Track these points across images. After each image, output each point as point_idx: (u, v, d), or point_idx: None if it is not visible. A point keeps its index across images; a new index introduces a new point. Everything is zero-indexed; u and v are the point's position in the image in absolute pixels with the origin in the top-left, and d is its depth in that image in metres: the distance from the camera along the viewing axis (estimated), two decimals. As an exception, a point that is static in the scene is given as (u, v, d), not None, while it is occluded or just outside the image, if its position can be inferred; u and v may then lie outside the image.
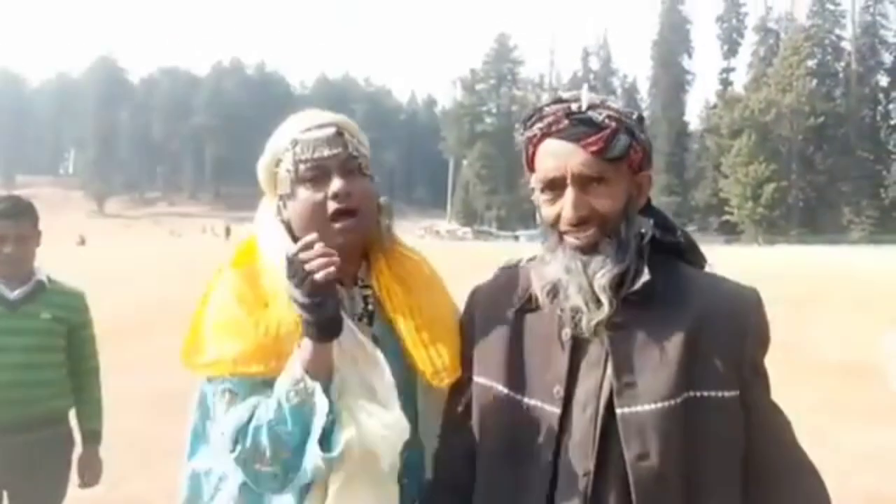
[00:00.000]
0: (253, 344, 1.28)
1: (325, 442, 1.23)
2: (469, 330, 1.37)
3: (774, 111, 67.00)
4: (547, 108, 1.24)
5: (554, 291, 1.22)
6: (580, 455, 1.17)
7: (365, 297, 1.42)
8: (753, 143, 65.70)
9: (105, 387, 2.93)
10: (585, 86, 1.30)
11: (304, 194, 1.35)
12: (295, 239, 1.32)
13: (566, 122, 1.20)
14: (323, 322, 1.21)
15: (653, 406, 1.14)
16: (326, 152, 1.34)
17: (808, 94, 68.49)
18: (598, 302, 1.17)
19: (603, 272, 1.17)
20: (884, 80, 77.22)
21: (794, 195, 68.47)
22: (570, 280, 1.19)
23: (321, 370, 1.24)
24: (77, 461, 2.80)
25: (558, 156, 1.20)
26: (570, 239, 1.21)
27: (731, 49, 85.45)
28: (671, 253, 1.27)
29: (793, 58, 69.65)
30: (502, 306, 1.31)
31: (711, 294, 1.22)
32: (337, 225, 1.33)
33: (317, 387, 1.22)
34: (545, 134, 1.22)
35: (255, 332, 1.28)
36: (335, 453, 1.22)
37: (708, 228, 70.62)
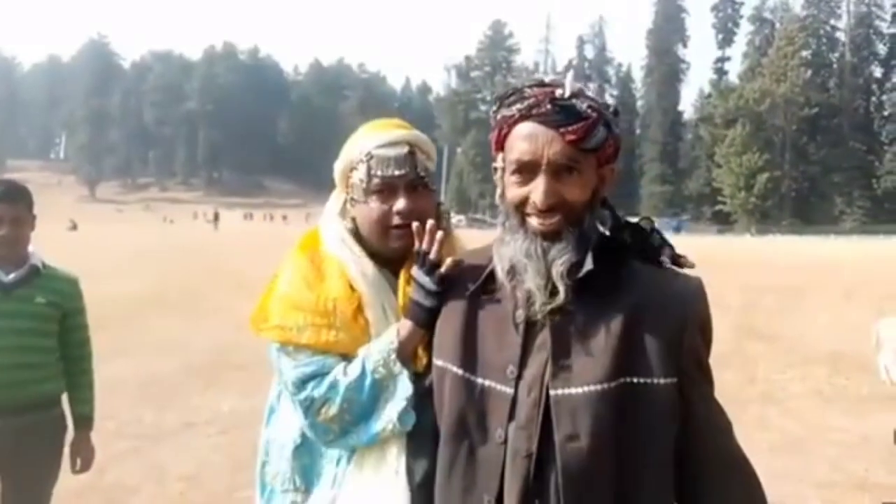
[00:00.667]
0: (311, 315, 1.46)
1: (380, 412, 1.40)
2: None
3: (768, 101, 67.09)
4: (528, 90, 1.22)
5: (512, 272, 1.23)
6: (524, 436, 1.18)
7: None
8: (747, 133, 65.81)
9: (96, 372, 2.92)
10: (571, 72, 1.31)
11: (374, 204, 1.52)
12: (358, 233, 1.55)
13: (549, 106, 1.19)
14: (433, 309, 1.37)
15: (585, 389, 1.15)
16: (397, 172, 1.50)
17: (802, 85, 68.57)
18: (553, 288, 1.18)
19: (562, 260, 1.18)
20: (878, 71, 77.41)
21: (786, 185, 68.71)
22: (528, 264, 1.20)
23: (408, 353, 1.41)
24: (69, 447, 2.80)
25: (536, 140, 1.18)
26: (533, 223, 1.21)
27: (726, 38, 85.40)
28: (621, 247, 1.27)
29: (787, 48, 69.67)
30: (461, 289, 1.33)
31: (653, 285, 1.22)
32: (396, 232, 1.52)
33: (404, 371, 1.40)
34: (524, 116, 1.20)
35: (314, 304, 1.47)
36: (409, 425, 1.38)
37: (701, 218, 70.85)
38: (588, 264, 1.19)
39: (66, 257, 5.67)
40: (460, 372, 1.26)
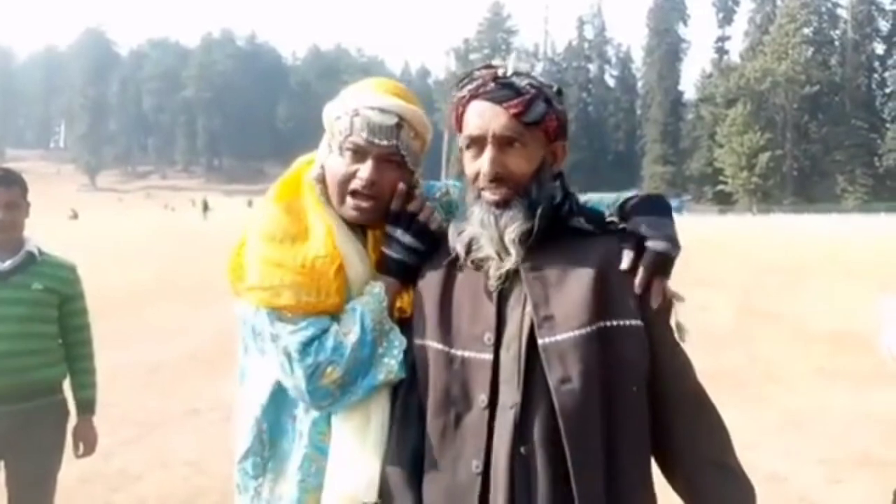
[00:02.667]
0: (291, 273, 1.38)
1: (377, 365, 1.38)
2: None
3: (770, 80, 66.72)
4: (477, 73, 1.35)
5: (470, 244, 1.33)
6: (509, 391, 1.26)
7: None
8: (748, 113, 65.53)
9: (99, 360, 2.93)
10: (514, 53, 1.44)
11: (342, 161, 1.45)
12: (323, 181, 1.48)
13: (492, 84, 1.31)
14: (415, 266, 1.41)
15: (571, 334, 1.24)
16: (374, 140, 1.42)
17: (803, 63, 68.19)
18: (508, 252, 1.29)
19: (513, 227, 1.29)
20: (880, 48, 76.84)
21: (788, 164, 68.51)
22: (482, 232, 1.31)
23: (392, 305, 1.41)
24: (72, 431, 2.81)
25: (482, 115, 1.30)
26: (486, 194, 1.31)
27: (727, 17, 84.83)
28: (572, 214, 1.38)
29: (789, 25, 69.19)
30: (433, 264, 1.41)
31: (615, 241, 1.33)
32: (352, 201, 1.44)
33: (395, 328, 1.39)
34: (473, 95, 1.32)
35: (292, 264, 1.39)
36: (405, 375, 1.37)
37: (702, 198, 70.76)
38: (526, 224, 1.29)
39: (68, 246, 5.69)
40: (440, 346, 1.33)
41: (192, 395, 6.25)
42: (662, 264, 1.30)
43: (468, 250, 1.33)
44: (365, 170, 1.42)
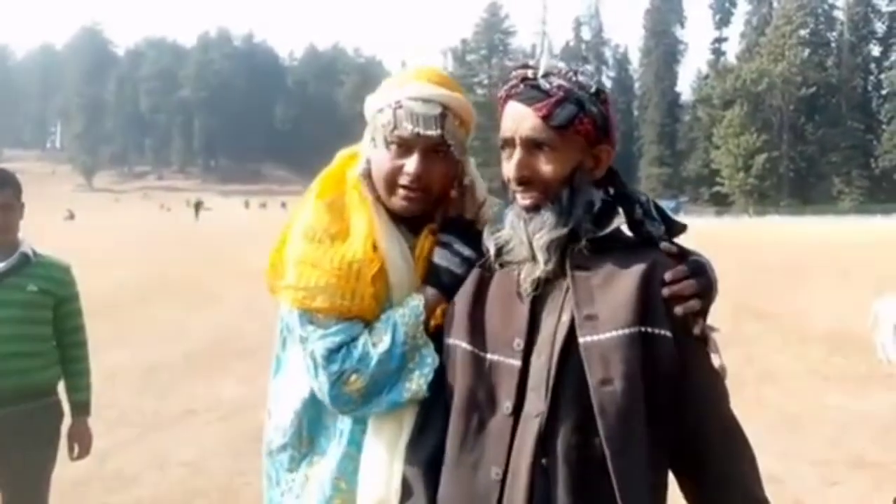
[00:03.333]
0: (328, 276, 1.36)
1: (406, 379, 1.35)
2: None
3: (766, 81, 66.85)
4: (513, 72, 1.32)
5: (502, 246, 1.31)
6: (535, 399, 1.22)
7: None
8: (745, 114, 65.66)
9: (96, 361, 2.92)
10: (546, 54, 1.34)
11: (387, 154, 1.41)
12: (370, 176, 1.45)
13: (522, 86, 1.28)
14: (463, 277, 1.37)
15: (613, 333, 1.20)
16: (420, 131, 1.38)
17: (800, 64, 68.34)
18: (538, 258, 1.26)
19: (542, 233, 1.26)
20: (876, 50, 77.05)
21: (784, 166, 68.64)
22: (513, 235, 1.29)
23: (429, 320, 1.37)
24: (67, 433, 2.79)
25: (513, 117, 1.28)
26: (517, 198, 1.30)
27: (724, 18, 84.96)
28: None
29: (785, 27, 69.36)
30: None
31: (661, 253, 1.30)
32: (401, 193, 1.41)
33: (429, 344, 1.35)
34: (508, 96, 1.30)
35: (329, 265, 1.36)
36: (429, 393, 1.34)
37: (699, 199, 70.85)
38: (613, 224, 1.28)
39: (65, 247, 5.67)
40: (469, 348, 1.30)
41: (188, 397, 6.24)
42: (706, 290, 1.28)
43: (499, 252, 1.32)
44: (412, 164, 1.39)
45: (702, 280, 1.28)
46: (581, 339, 1.21)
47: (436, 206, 1.47)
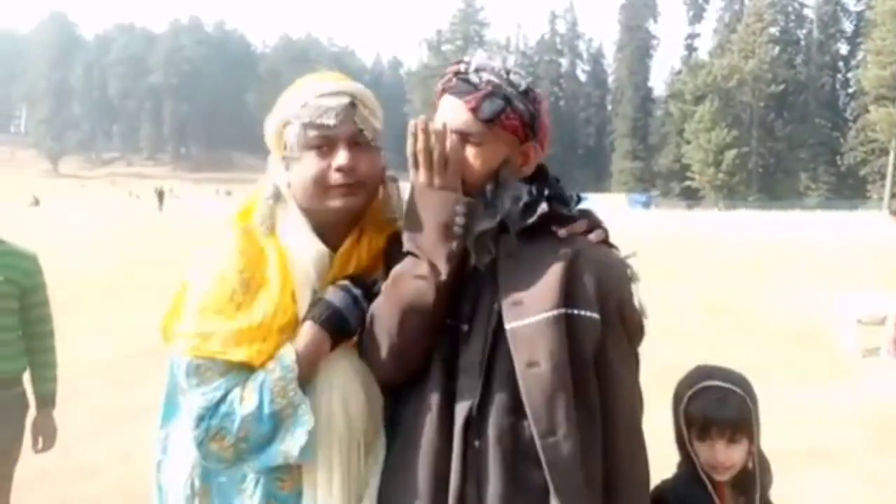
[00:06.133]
0: (242, 326, 1.28)
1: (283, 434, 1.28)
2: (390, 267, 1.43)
3: (737, 78, 67.68)
4: (450, 67, 1.35)
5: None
6: (467, 381, 1.26)
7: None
8: (716, 110, 66.42)
9: (61, 351, 2.88)
10: (479, 50, 1.37)
11: (310, 160, 1.33)
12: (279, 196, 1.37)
13: (455, 80, 1.31)
14: (356, 323, 1.33)
15: (538, 317, 1.24)
16: (334, 122, 1.32)
17: (770, 61, 69.33)
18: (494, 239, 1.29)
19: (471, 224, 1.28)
20: (844, 49, 78.44)
21: (753, 161, 69.65)
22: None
23: (312, 367, 1.29)
24: (31, 425, 2.75)
25: (445, 110, 1.32)
26: None
27: (697, 15, 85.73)
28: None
29: (756, 24, 70.25)
30: None
31: (590, 245, 1.33)
32: (337, 192, 1.34)
33: (305, 401, 1.26)
34: (443, 90, 1.34)
35: (247, 316, 1.29)
36: (308, 459, 1.27)
37: (670, 193, 71.62)
38: (538, 212, 1.28)
39: (29, 235, 5.55)
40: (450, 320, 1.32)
41: (154, 390, 6.15)
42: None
43: None
44: (340, 157, 1.32)
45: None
46: (507, 325, 1.25)
47: (366, 206, 1.41)
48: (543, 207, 1.29)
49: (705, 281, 11.95)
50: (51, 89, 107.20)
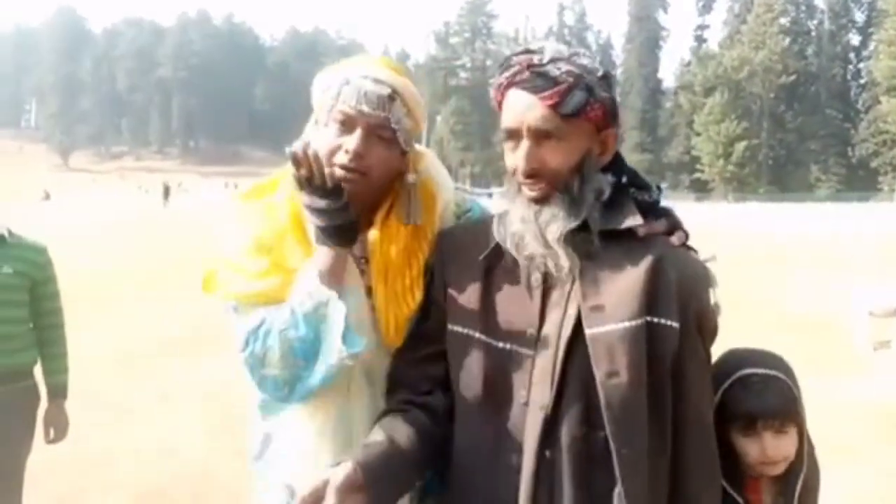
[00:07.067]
0: (269, 266, 1.34)
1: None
2: (440, 275, 1.37)
3: (747, 69, 67.17)
4: (514, 58, 1.26)
5: (518, 241, 1.26)
6: (541, 391, 1.22)
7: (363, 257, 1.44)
8: (726, 101, 65.95)
9: (73, 344, 2.89)
10: (552, 38, 1.31)
11: (329, 132, 1.35)
12: None
13: (527, 73, 1.22)
14: (345, 225, 1.27)
15: (620, 325, 1.19)
16: (364, 109, 1.32)
17: (780, 52, 68.68)
18: (552, 250, 1.23)
19: (554, 226, 1.22)
20: (855, 39, 77.66)
21: (763, 153, 69.18)
22: (525, 229, 1.25)
23: (335, 278, 1.29)
24: (43, 416, 2.77)
25: (517, 107, 1.23)
26: (525, 190, 1.25)
27: (707, 5, 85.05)
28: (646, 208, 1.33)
29: (766, 15, 69.60)
30: (472, 255, 1.33)
31: (671, 245, 1.30)
32: (337, 172, 1.32)
33: (332, 294, 1.26)
34: (510, 83, 1.24)
35: (274, 271, 1.34)
36: (358, 349, 1.26)
37: (679, 186, 71.24)
38: (632, 219, 1.25)
39: (41, 229, 5.57)
40: (483, 338, 1.28)
41: (165, 381, 6.19)
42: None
43: (516, 249, 1.27)
44: (351, 141, 1.31)
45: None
46: (588, 331, 1.19)
47: (377, 198, 1.40)
48: (636, 219, 1.25)
49: (717, 273, 11.90)
50: (60, 84, 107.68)
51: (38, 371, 2.79)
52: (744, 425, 1.42)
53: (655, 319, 1.21)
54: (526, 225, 1.25)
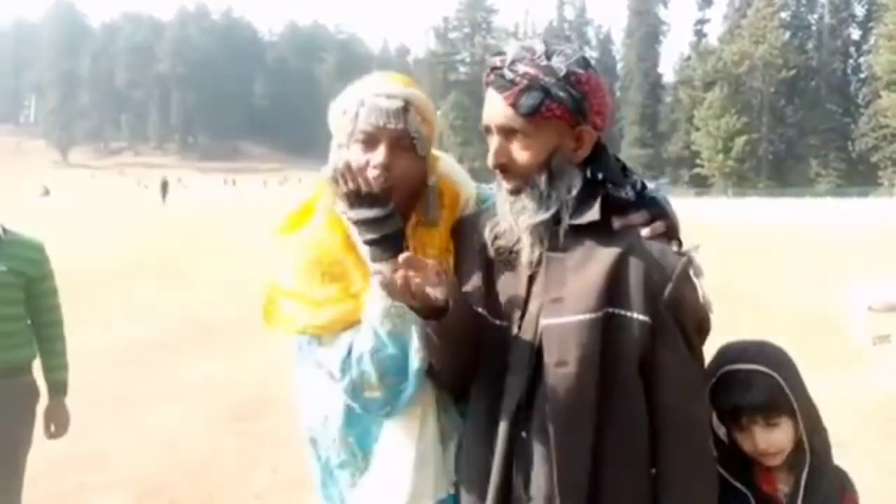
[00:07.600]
0: (336, 293, 1.42)
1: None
2: (455, 261, 1.46)
3: (747, 63, 67.04)
4: (492, 58, 1.34)
5: (496, 230, 1.35)
6: (519, 371, 1.29)
7: None
8: (725, 96, 65.86)
9: (73, 340, 2.89)
10: (512, 41, 1.37)
11: (354, 152, 1.43)
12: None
13: (492, 74, 1.30)
14: (395, 235, 1.36)
15: (575, 318, 1.24)
16: (383, 123, 1.40)
17: (780, 47, 68.54)
18: (550, 235, 1.30)
19: (524, 217, 1.30)
20: (855, 33, 77.44)
21: (763, 148, 69.11)
22: (503, 219, 1.33)
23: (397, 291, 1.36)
24: (43, 412, 2.77)
25: (488, 106, 1.31)
26: (502, 182, 1.34)
27: (707, 0, 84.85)
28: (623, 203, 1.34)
29: (767, 9, 69.42)
30: (475, 241, 1.40)
31: (638, 235, 1.30)
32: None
33: (404, 308, 1.32)
34: (487, 83, 1.33)
35: (344, 297, 1.42)
36: (427, 349, 1.36)
37: (679, 181, 71.16)
38: (592, 214, 1.27)
39: (40, 225, 5.58)
40: (486, 314, 1.35)
41: (165, 376, 6.20)
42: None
43: (495, 237, 1.34)
44: (378, 155, 1.40)
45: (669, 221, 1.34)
46: (542, 321, 1.26)
47: (406, 207, 1.46)
48: (594, 214, 1.28)
49: (715, 268, 11.91)
50: (59, 79, 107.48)
51: (37, 368, 2.78)
52: (732, 420, 1.49)
53: (618, 311, 1.24)
54: (504, 215, 1.33)
